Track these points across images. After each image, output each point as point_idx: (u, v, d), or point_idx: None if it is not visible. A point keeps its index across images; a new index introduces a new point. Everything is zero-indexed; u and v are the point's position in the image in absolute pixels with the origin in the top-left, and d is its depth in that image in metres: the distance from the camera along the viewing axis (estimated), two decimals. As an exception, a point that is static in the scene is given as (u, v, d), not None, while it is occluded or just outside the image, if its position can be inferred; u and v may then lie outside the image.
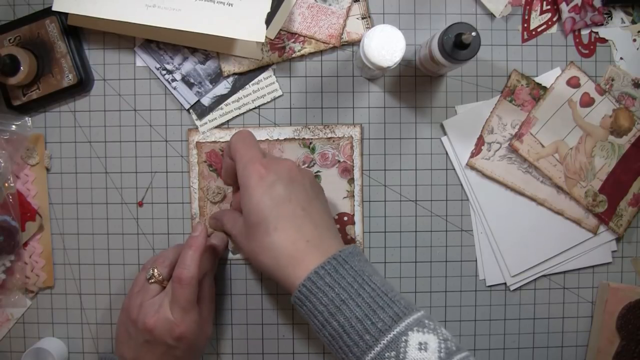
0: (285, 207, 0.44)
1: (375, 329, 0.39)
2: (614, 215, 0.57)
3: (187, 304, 0.46)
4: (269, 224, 0.43)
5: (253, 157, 0.45)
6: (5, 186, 0.55)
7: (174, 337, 0.46)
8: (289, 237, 0.43)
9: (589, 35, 0.57)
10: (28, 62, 0.52)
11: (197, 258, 0.47)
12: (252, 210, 0.44)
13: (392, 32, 0.47)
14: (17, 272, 0.56)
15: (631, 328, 0.57)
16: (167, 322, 0.46)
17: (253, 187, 0.44)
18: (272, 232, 0.43)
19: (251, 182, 0.44)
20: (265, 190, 0.44)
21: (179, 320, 0.46)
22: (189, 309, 0.47)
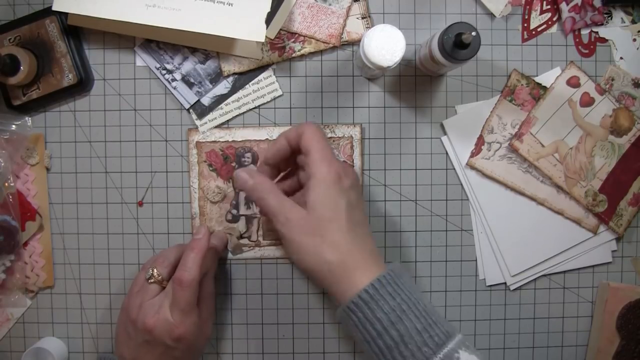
0: (356, 213, 0.45)
1: (432, 342, 0.41)
2: (614, 215, 0.57)
3: (187, 306, 0.46)
4: (344, 224, 0.44)
5: (331, 156, 0.46)
6: (5, 186, 0.55)
7: (173, 338, 0.46)
8: (359, 241, 0.44)
9: (589, 35, 0.57)
10: (28, 62, 0.52)
11: (199, 261, 0.47)
12: (329, 207, 0.44)
13: (392, 32, 0.47)
14: (17, 271, 0.56)
15: (631, 328, 0.57)
16: (166, 323, 0.46)
17: (331, 185, 0.44)
18: (345, 232, 0.44)
19: (329, 180, 0.44)
20: (343, 192, 0.44)
21: (178, 322, 0.46)
22: (189, 311, 0.47)
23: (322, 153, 0.45)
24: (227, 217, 0.57)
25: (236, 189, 0.56)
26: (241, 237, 0.57)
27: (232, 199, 0.57)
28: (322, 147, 0.45)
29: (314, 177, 0.45)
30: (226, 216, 0.57)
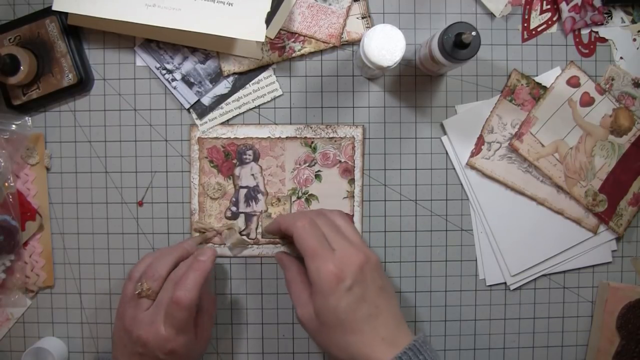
0: (360, 309, 0.43)
1: None
2: (614, 215, 0.57)
3: (182, 325, 0.46)
4: (346, 327, 0.42)
5: (324, 255, 0.43)
6: (5, 186, 0.55)
7: (166, 352, 0.46)
8: (365, 339, 0.43)
9: (589, 35, 0.57)
10: (28, 62, 0.52)
11: (200, 282, 0.47)
12: (328, 314, 0.43)
13: (392, 32, 0.47)
14: (17, 271, 0.56)
15: (631, 327, 0.57)
16: (159, 337, 0.46)
17: (328, 291, 0.42)
18: (348, 335, 0.42)
19: (326, 286, 0.42)
20: (342, 295, 0.42)
21: (171, 337, 0.46)
22: (184, 329, 0.46)
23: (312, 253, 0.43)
24: (226, 214, 0.57)
25: None
26: (240, 235, 0.57)
27: (231, 196, 0.57)
28: (313, 253, 0.43)
29: (312, 283, 0.44)
30: (225, 213, 0.57)
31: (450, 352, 0.58)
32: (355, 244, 0.45)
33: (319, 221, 0.46)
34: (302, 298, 0.46)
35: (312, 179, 0.57)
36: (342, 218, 0.49)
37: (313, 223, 0.45)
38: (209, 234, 0.57)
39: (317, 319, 0.44)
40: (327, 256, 0.43)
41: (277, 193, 0.57)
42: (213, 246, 0.57)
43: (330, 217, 0.48)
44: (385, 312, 0.44)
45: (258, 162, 0.57)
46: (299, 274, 0.48)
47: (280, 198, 0.57)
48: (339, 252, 0.44)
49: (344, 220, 0.49)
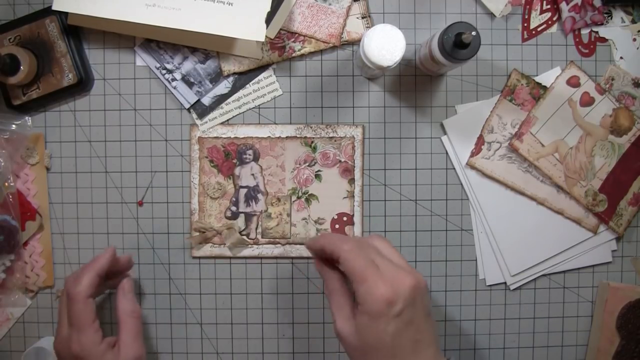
0: (407, 334, 0.42)
1: None
2: (614, 215, 0.57)
3: (79, 322, 0.46)
4: (388, 352, 0.41)
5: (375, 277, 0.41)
6: (5, 185, 0.55)
7: (72, 355, 0.46)
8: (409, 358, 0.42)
9: (589, 35, 0.57)
10: (28, 62, 0.52)
11: (92, 276, 0.47)
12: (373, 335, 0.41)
13: (392, 32, 0.47)
14: (17, 271, 0.56)
15: (631, 327, 0.57)
16: (64, 341, 0.46)
17: (378, 314, 0.41)
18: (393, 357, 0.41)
19: (375, 309, 0.41)
20: (392, 319, 0.41)
21: (74, 339, 0.45)
22: (83, 328, 0.46)
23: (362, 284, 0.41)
24: (226, 214, 0.57)
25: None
26: (240, 234, 0.57)
27: (231, 196, 0.57)
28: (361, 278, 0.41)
29: (360, 304, 0.42)
30: (225, 213, 0.57)
31: (450, 352, 0.58)
32: (403, 267, 0.44)
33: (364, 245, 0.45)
34: (344, 311, 0.44)
35: (312, 179, 0.57)
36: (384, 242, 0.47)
37: (360, 246, 0.44)
38: (209, 234, 0.57)
39: (358, 336, 0.42)
40: (377, 278, 0.41)
41: (277, 193, 0.57)
42: (213, 246, 0.57)
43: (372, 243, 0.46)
44: (428, 339, 0.43)
45: (258, 162, 0.57)
46: (342, 285, 0.46)
47: (280, 198, 0.57)
48: (389, 275, 0.42)
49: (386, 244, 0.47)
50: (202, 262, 0.58)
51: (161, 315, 0.58)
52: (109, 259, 0.49)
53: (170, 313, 0.58)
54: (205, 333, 0.58)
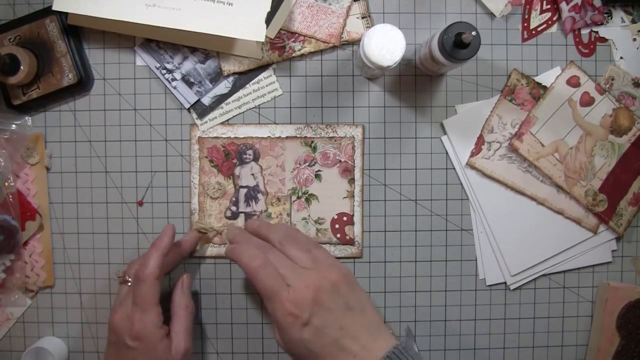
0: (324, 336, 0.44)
1: None
2: (614, 215, 0.57)
3: (144, 302, 0.47)
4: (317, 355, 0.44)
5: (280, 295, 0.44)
6: (5, 185, 0.55)
7: (132, 335, 0.46)
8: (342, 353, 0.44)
9: (589, 35, 0.57)
10: (28, 62, 0.52)
11: (158, 257, 0.48)
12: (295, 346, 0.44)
13: (392, 32, 0.47)
14: (17, 271, 0.56)
15: (631, 327, 0.57)
16: (126, 318, 0.47)
17: (288, 328, 0.43)
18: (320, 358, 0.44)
19: (284, 325, 0.43)
20: (302, 329, 0.43)
21: (137, 318, 0.46)
22: (148, 308, 0.47)
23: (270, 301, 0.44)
24: (226, 214, 0.57)
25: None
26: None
27: (231, 196, 0.57)
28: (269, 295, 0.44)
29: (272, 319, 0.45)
30: (225, 213, 0.57)
31: (451, 352, 0.58)
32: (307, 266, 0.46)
33: (272, 257, 0.46)
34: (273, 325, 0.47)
35: (312, 179, 0.57)
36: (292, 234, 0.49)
37: (267, 262, 0.46)
38: (209, 234, 0.57)
39: (286, 348, 0.45)
40: (282, 295, 0.44)
41: (277, 193, 0.57)
42: (213, 246, 0.57)
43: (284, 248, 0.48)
44: (353, 329, 0.44)
45: (258, 162, 0.57)
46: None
47: (280, 198, 0.57)
48: (293, 288, 0.44)
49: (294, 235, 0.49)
50: (202, 262, 0.58)
51: (161, 315, 0.58)
52: (171, 237, 0.51)
53: (170, 313, 0.58)
54: (205, 333, 0.58)
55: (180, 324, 0.50)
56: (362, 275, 0.58)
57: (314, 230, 0.57)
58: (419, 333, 0.58)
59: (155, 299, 0.48)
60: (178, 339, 0.49)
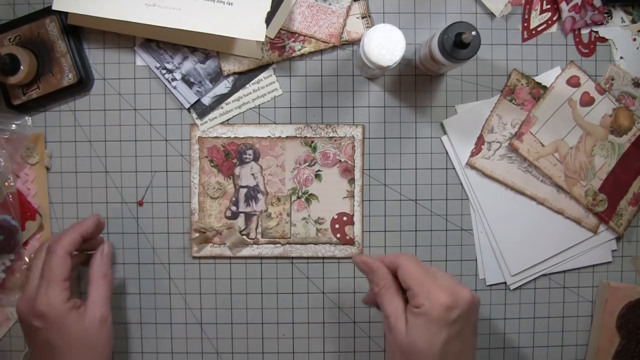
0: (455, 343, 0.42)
1: None
2: (614, 215, 0.57)
3: (50, 274, 0.45)
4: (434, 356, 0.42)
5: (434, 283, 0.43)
6: (6, 185, 0.55)
7: (35, 314, 0.45)
8: None
9: (589, 35, 0.57)
10: (28, 62, 0.52)
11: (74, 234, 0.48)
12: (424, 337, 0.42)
13: (392, 32, 0.47)
14: (17, 271, 0.56)
15: (631, 327, 0.57)
16: (28, 301, 0.46)
17: (435, 318, 0.42)
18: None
19: (434, 312, 0.42)
20: (446, 326, 0.42)
21: (41, 293, 0.45)
22: (53, 281, 0.45)
23: (422, 288, 0.43)
24: (226, 214, 0.57)
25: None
26: (240, 234, 0.57)
27: (231, 196, 0.57)
28: (421, 282, 0.43)
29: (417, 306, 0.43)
30: (225, 212, 0.57)
31: None
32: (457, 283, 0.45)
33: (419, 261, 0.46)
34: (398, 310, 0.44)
35: (312, 179, 0.57)
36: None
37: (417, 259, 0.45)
38: (209, 233, 0.57)
39: (408, 337, 0.43)
40: (436, 285, 0.43)
41: (277, 192, 0.57)
42: (213, 246, 0.57)
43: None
44: (470, 354, 0.44)
45: (258, 162, 0.57)
46: (395, 283, 0.46)
47: (280, 197, 0.57)
48: (447, 284, 0.43)
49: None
50: (202, 262, 0.58)
51: (161, 315, 0.58)
52: (94, 224, 0.50)
53: (170, 313, 0.58)
54: (205, 333, 0.58)
55: (97, 292, 0.48)
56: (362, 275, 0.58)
57: (314, 230, 0.57)
58: (419, 333, 0.58)
59: (63, 273, 0.46)
60: (93, 307, 0.47)
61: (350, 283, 0.58)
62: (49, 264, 0.46)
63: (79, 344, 0.45)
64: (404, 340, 0.43)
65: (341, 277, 0.58)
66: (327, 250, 0.58)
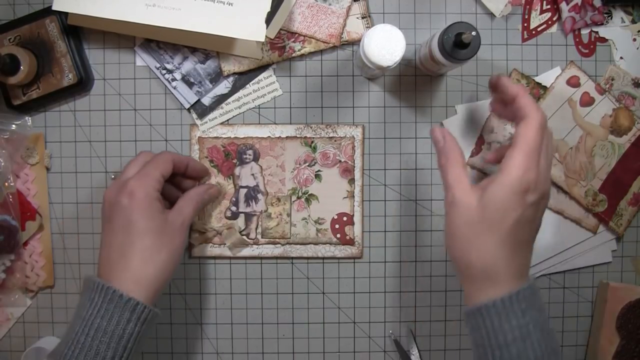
0: (523, 230, 0.42)
1: None
2: (614, 215, 0.57)
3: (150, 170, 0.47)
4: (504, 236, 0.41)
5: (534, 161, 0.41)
6: (5, 186, 0.55)
7: (127, 191, 0.46)
8: (510, 258, 0.42)
9: (589, 35, 0.57)
10: (28, 62, 0.52)
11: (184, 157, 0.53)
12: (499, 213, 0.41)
13: (392, 32, 0.47)
14: (17, 271, 0.56)
15: (631, 327, 0.57)
16: (121, 182, 0.47)
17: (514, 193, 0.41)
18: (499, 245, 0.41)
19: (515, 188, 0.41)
20: (522, 205, 0.41)
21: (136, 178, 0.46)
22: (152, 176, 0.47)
23: (526, 156, 0.41)
24: (226, 214, 0.57)
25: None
26: (240, 234, 0.57)
27: (232, 196, 0.57)
28: (530, 151, 0.41)
29: (503, 173, 0.41)
30: (225, 213, 0.57)
31: (450, 352, 0.58)
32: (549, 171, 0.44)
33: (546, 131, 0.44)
34: (463, 183, 0.43)
35: (312, 179, 0.57)
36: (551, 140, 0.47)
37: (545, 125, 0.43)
38: (209, 234, 0.57)
39: (480, 209, 0.42)
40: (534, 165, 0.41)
41: (277, 193, 0.57)
42: (213, 246, 0.57)
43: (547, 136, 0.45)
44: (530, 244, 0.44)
45: (258, 162, 0.57)
46: (462, 158, 0.45)
47: (280, 198, 0.57)
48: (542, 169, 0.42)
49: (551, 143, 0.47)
50: (202, 262, 0.58)
51: (161, 315, 0.58)
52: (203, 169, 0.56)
53: (170, 313, 0.58)
54: (205, 333, 0.58)
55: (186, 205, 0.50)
56: (362, 275, 0.58)
57: (314, 230, 0.57)
58: (419, 333, 0.58)
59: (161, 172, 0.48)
60: (178, 212, 0.49)
61: (350, 283, 0.58)
62: (155, 161, 0.48)
63: (158, 230, 0.46)
64: (473, 213, 0.42)
65: (341, 277, 0.58)
66: (327, 250, 0.58)
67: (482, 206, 0.42)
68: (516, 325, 0.40)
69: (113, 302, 0.43)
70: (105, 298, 0.43)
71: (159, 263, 0.45)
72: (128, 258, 0.44)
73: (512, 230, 0.41)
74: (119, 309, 0.43)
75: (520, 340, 0.40)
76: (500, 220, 0.41)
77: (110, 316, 0.42)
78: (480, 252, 0.42)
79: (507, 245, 0.41)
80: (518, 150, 0.42)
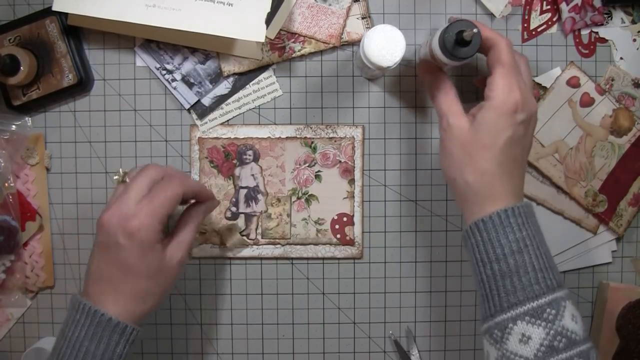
0: (515, 149, 0.44)
1: (544, 283, 0.41)
2: (614, 215, 0.57)
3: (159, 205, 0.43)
4: (498, 155, 0.43)
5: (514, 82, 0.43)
6: (5, 186, 0.55)
7: (126, 231, 0.42)
8: (506, 175, 0.44)
9: (589, 35, 0.57)
10: (28, 62, 0.52)
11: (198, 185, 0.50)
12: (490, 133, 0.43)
13: (392, 32, 0.47)
14: (17, 271, 0.56)
15: (631, 328, 0.57)
16: (120, 215, 0.42)
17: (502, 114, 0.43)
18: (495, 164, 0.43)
19: (503, 109, 0.43)
20: (512, 125, 0.43)
21: (141, 216, 0.42)
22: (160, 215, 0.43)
23: (505, 78, 0.44)
24: (226, 215, 0.57)
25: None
26: (240, 235, 0.57)
27: (231, 197, 0.57)
28: (507, 72, 0.44)
29: (488, 99, 0.44)
30: (225, 213, 0.57)
31: (450, 352, 0.59)
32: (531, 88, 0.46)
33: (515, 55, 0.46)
34: (454, 108, 0.46)
35: (312, 179, 0.57)
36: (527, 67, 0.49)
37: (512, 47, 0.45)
38: (209, 234, 0.57)
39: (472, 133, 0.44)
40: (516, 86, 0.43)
41: (277, 193, 0.57)
42: (213, 246, 0.57)
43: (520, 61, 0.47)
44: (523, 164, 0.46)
45: (258, 162, 0.57)
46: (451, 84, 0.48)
47: (280, 198, 0.57)
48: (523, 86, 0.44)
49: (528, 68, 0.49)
50: (201, 263, 0.58)
51: (161, 315, 0.58)
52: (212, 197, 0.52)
53: (170, 313, 0.58)
54: (205, 333, 0.58)
55: (185, 236, 0.47)
56: (362, 276, 0.58)
57: (314, 230, 0.57)
58: (419, 334, 0.58)
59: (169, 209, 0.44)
60: (178, 248, 0.46)
61: (350, 284, 0.58)
62: (164, 191, 0.44)
63: (154, 273, 0.44)
64: (467, 135, 0.44)
65: (341, 278, 0.58)
66: (327, 250, 0.58)
67: (474, 129, 0.44)
68: (513, 239, 0.42)
69: (101, 325, 0.42)
70: (93, 321, 0.42)
71: (151, 302, 0.45)
72: (119, 293, 0.43)
73: (505, 149, 0.43)
74: (107, 332, 0.42)
75: (518, 253, 0.41)
76: (493, 140, 0.43)
77: (99, 339, 0.42)
78: (477, 172, 0.44)
79: (501, 163, 0.43)
80: (496, 75, 0.44)
